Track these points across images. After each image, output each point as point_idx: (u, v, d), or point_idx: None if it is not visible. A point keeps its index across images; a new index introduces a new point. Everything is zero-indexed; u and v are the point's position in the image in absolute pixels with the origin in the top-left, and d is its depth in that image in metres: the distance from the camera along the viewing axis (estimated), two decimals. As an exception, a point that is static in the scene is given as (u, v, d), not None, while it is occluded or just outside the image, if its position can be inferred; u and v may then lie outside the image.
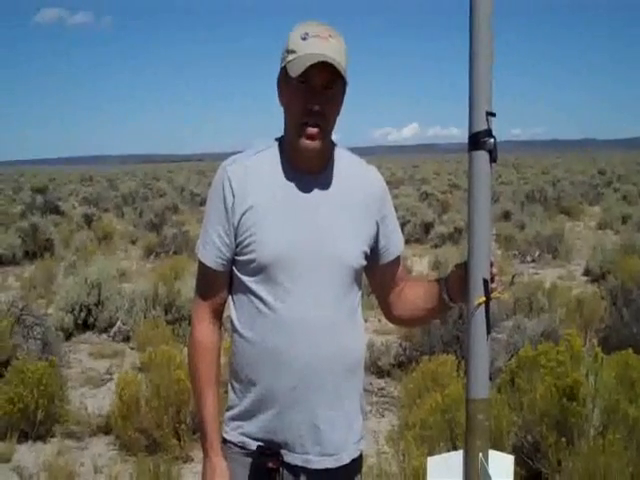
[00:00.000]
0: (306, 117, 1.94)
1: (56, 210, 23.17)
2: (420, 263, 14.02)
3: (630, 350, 4.66)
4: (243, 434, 2.05)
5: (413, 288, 2.23)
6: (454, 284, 2.06)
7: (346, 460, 2.06)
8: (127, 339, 8.42)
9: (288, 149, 2.04)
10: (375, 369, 7.10)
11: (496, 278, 1.95)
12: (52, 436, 5.65)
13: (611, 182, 37.20)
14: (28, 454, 5.34)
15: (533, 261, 14.37)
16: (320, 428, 2.01)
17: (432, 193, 28.35)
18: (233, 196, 1.99)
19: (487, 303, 1.89)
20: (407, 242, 17.10)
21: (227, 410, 2.11)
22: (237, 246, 2.01)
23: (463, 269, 1.97)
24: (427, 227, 18.15)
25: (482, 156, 1.88)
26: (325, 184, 2.05)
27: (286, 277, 1.97)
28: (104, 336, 8.70)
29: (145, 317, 8.42)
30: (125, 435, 5.25)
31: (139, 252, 15.93)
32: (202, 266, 2.08)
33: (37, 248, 14.90)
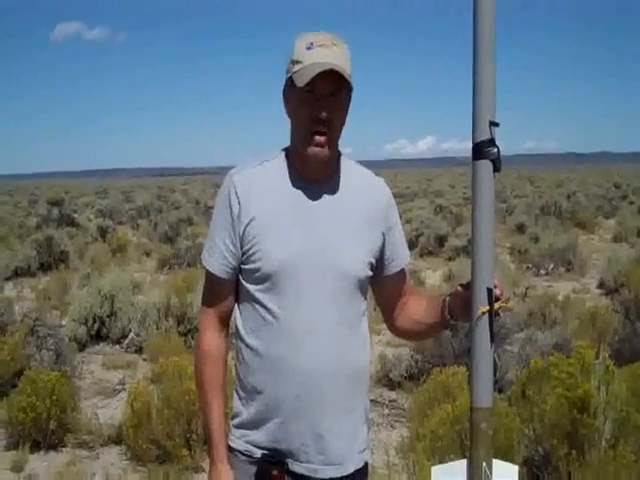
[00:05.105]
0: (314, 125, 1.95)
1: (71, 222, 23.32)
2: (433, 276, 13.99)
3: (642, 362, 4.63)
4: (248, 442, 2.05)
5: (416, 302, 2.23)
6: (456, 302, 2.05)
7: (350, 470, 2.06)
8: (140, 350, 8.44)
9: (295, 158, 2.05)
10: (386, 381, 7.10)
11: (498, 291, 1.92)
12: (64, 446, 5.68)
13: (626, 195, 37.03)
14: (40, 463, 5.36)
15: (547, 274, 14.30)
16: (324, 437, 2.01)
17: (446, 206, 28.31)
18: (239, 205, 2.00)
19: (491, 313, 1.89)
20: (421, 255, 17.16)
21: (232, 418, 2.11)
22: (243, 255, 2.02)
23: (467, 289, 1.95)
24: (441, 240, 18.15)
25: (485, 165, 1.88)
26: (331, 193, 2.05)
27: (290, 286, 1.98)
28: (117, 347, 8.74)
29: (157, 328, 8.44)
30: (136, 445, 5.26)
31: (153, 264, 15.99)
32: (208, 274, 2.09)
33: (52, 260, 15.01)
